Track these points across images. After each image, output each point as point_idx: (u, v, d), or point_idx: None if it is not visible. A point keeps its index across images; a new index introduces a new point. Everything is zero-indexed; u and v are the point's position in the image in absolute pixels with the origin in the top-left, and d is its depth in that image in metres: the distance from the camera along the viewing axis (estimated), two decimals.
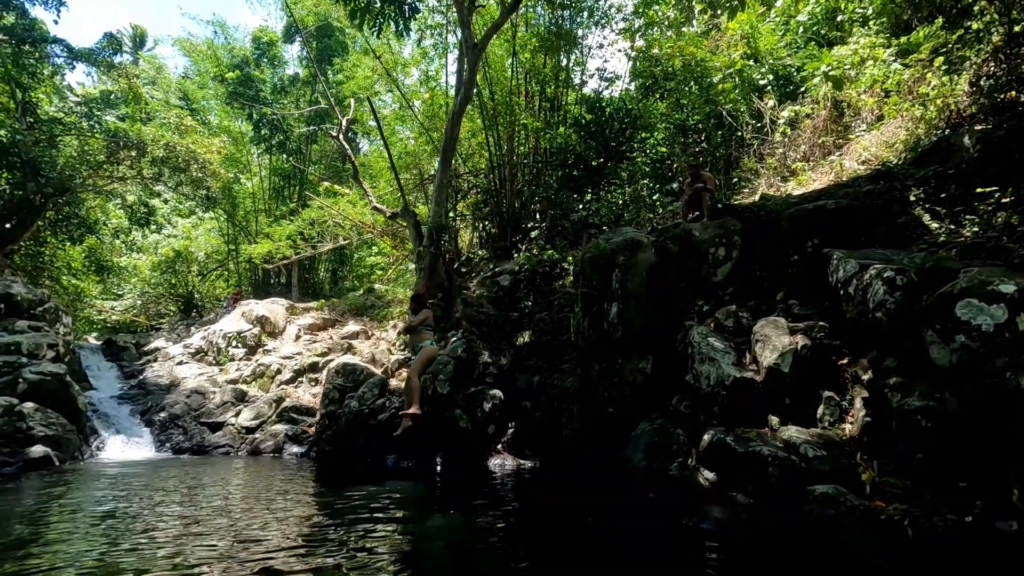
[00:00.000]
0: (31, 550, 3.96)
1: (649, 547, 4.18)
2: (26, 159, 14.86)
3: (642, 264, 6.90)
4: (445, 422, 9.14)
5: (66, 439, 9.13)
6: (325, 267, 26.88)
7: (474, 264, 14.98)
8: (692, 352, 5.89)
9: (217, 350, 15.43)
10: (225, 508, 5.55)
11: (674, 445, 5.44)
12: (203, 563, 3.62)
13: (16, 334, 10.64)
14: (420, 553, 4.07)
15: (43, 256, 19.14)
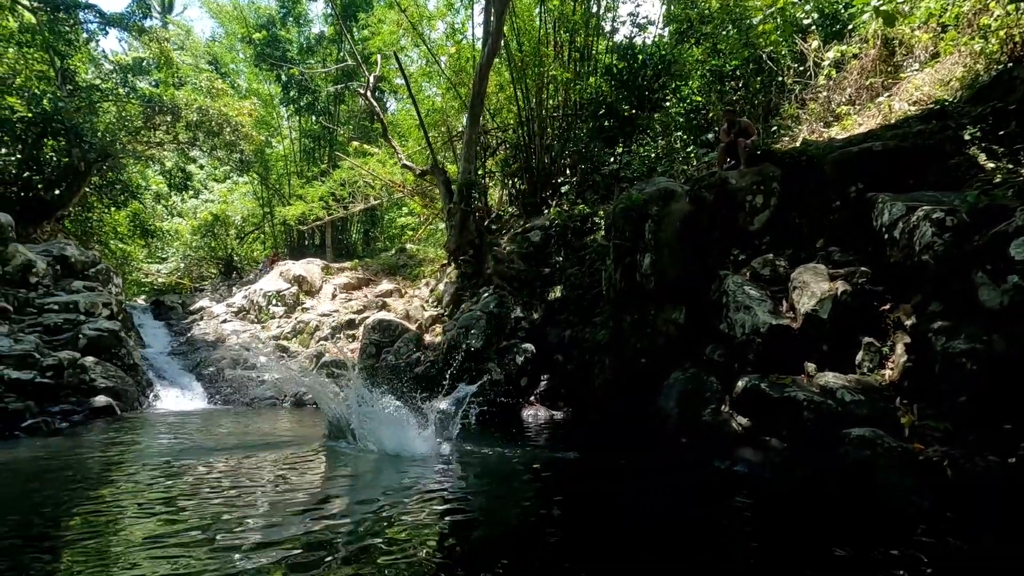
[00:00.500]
0: (115, 484, 4.31)
1: (683, 491, 4.28)
2: (69, 126, 15.30)
3: (676, 214, 6.77)
4: (479, 374, 9.36)
5: (125, 390, 9.72)
6: (357, 228, 27.23)
7: (504, 221, 14.95)
8: (727, 301, 5.82)
9: (258, 308, 15.99)
10: (276, 442, 5.89)
11: (707, 393, 5.47)
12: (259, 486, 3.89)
13: (73, 293, 11.23)
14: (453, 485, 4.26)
15: (91, 221, 19.92)
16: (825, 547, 2.81)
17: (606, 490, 4.23)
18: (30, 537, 2.99)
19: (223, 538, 2.93)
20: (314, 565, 2.54)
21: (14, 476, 4.41)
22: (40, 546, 2.86)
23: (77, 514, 3.46)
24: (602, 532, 3.24)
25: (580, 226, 11.72)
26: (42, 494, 3.94)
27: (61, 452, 5.67)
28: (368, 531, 3.05)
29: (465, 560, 2.59)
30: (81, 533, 3.09)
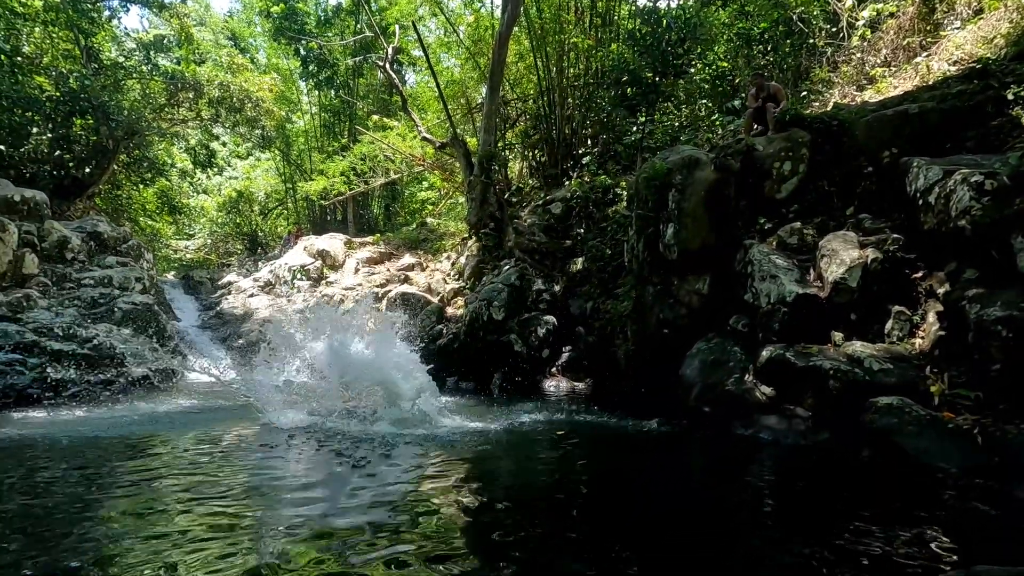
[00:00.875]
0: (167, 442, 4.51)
1: (707, 458, 4.31)
2: (96, 104, 15.56)
3: (700, 182, 6.65)
4: (501, 346, 9.46)
5: (159, 362, 10.07)
6: (378, 203, 27.34)
7: (525, 193, 14.87)
8: (752, 271, 5.74)
9: (284, 283, 16.30)
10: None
11: (731, 362, 5.45)
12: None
13: (107, 268, 11.58)
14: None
15: (120, 198, 20.39)
16: (851, 509, 2.82)
17: (629, 458, 4.28)
18: (91, 489, 3.17)
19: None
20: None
21: (70, 439, 4.63)
22: (100, 504, 3.03)
23: (138, 470, 3.66)
24: (626, 500, 3.29)
25: (601, 197, 11.59)
26: (96, 454, 4.15)
27: (108, 417, 5.94)
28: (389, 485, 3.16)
29: (489, 531, 2.67)
30: (138, 486, 3.27)
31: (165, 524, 2.62)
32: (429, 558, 2.15)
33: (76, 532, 2.48)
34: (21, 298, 8.88)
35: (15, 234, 9.44)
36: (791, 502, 3.06)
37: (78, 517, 2.72)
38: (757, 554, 2.28)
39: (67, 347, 8.40)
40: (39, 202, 10.88)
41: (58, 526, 2.57)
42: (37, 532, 2.49)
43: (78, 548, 2.30)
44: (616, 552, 2.27)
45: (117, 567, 2.15)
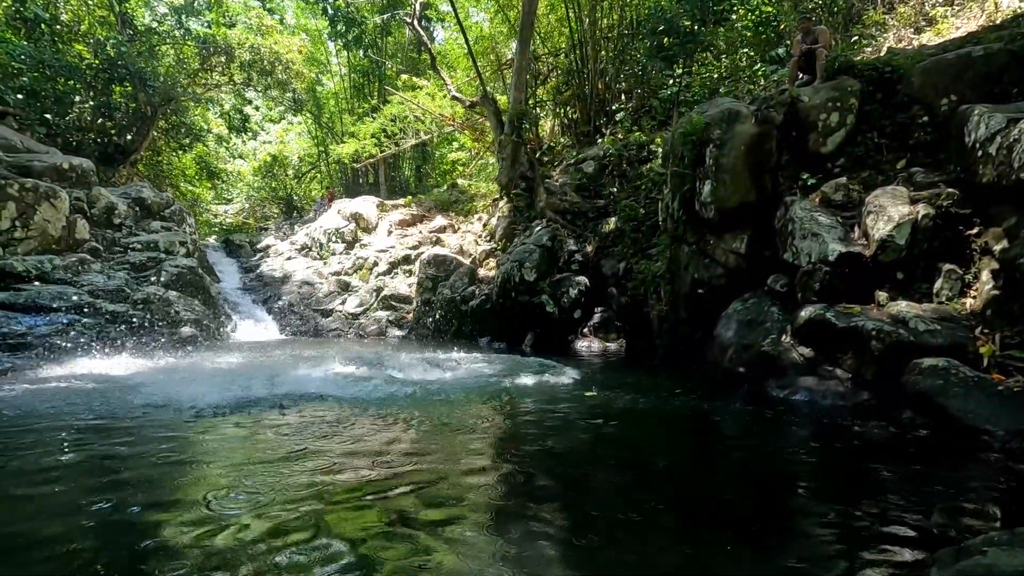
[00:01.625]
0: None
1: (742, 419, 4.29)
2: (133, 70, 15.83)
3: (740, 137, 6.38)
4: (532, 307, 9.51)
5: (206, 322, 10.52)
6: (409, 165, 27.32)
7: (556, 152, 14.58)
8: (792, 229, 5.54)
9: (319, 245, 16.62)
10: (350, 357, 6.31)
11: (768, 322, 5.34)
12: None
13: (153, 233, 12.01)
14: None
15: (161, 165, 20.95)
16: (889, 470, 2.78)
17: (659, 416, 4.30)
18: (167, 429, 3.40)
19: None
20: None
21: (138, 387, 4.93)
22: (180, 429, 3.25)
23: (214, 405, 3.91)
24: (654, 455, 3.32)
25: (636, 155, 11.28)
26: (163, 398, 4.40)
27: (172, 369, 6.25)
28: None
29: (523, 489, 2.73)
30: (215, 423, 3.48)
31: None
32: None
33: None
34: (76, 262, 9.33)
35: (66, 201, 9.84)
36: (825, 462, 3.03)
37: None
38: (787, 514, 2.29)
39: (120, 308, 8.84)
40: (86, 169, 11.27)
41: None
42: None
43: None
44: (646, 503, 2.31)
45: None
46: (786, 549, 1.91)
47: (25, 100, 14.07)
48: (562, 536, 1.96)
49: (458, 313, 10.86)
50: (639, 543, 1.93)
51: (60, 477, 2.67)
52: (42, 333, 6.95)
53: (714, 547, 1.92)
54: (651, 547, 1.91)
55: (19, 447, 3.15)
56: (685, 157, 7.00)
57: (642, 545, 1.92)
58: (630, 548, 1.89)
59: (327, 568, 1.71)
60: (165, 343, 8.83)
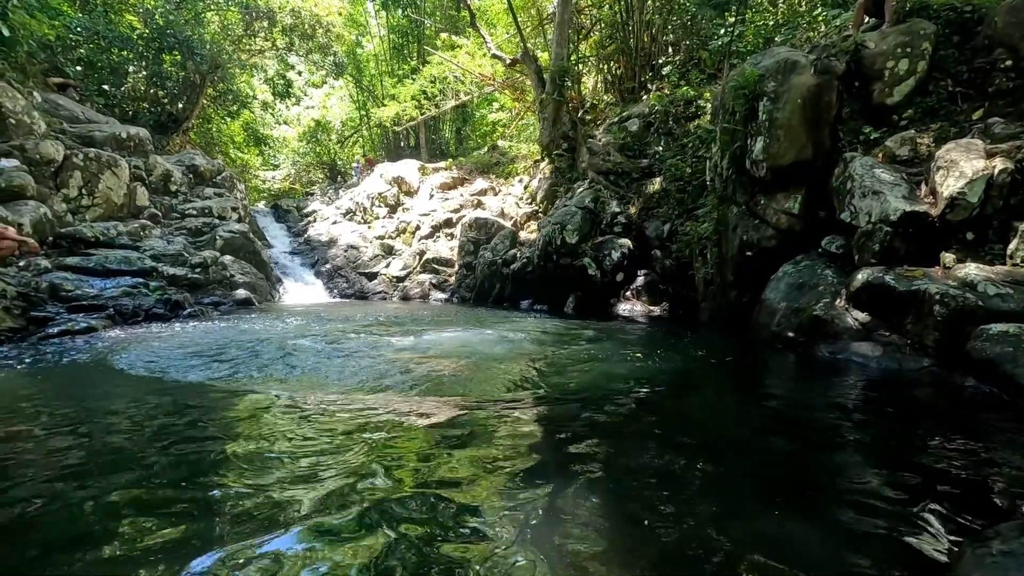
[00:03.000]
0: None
1: (794, 382, 4.19)
2: (182, 39, 16.17)
3: (798, 89, 6.00)
4: (574, 270, 9.45)
5: (259, 285, 10.96)
6: (449, 127, 27.15)
7: (599, 110, 14.13)
8: (851, 187, 5.24)
9: (363, 210, 16.90)
10: (396, 319, 6.50)
11: (820, 286, 5.14)
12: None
13: (206, 199, 12.47)
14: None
15: (211, 132, 21.56)
16: (946, 437, 2.67)
17: (705, 377, 4.24)
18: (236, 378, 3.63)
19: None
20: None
21: (213, 341, 5.25)
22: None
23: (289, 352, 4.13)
24: (697, 412, 3.30)
25: (683, 111, 10.81)
26: (240, 351, 4.68)
27: (235, 328, 6.60)
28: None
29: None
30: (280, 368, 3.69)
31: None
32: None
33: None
34: (138, 228, 9.82)
35: (127, 169, 10.29)
36: (881, 427, 2.94)
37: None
38: (842, 475, 2.24)
39: (180, 272, 9.29)
40: (143, 138, 11.72)
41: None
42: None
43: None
44: (687, 459, 2.31)
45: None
46: (836, 510, 1.88)
47: (83, 72, 14.63)
48: (606, 487, 1.99)
49: (499, 276, 10.92)
50: (685, 496, 1.94)
51: (139, 413, 2.89)
52: (111, 295, 7.40)
53: (760, 505, 1.91)
54: (694, 499, 1.92)
55: (108, 392, 3.42)
56: (736, 112, 6.67)
57: (683, 499, 1.93)
58: (673, 499, 1.90)
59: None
60: (222, 306, 9.27)
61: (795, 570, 1.50)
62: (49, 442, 2.58)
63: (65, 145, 9.41)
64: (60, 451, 2.45)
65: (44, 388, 3.71)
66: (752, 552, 1.59)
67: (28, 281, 6.77)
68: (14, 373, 4.17)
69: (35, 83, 11.29)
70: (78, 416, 3.00)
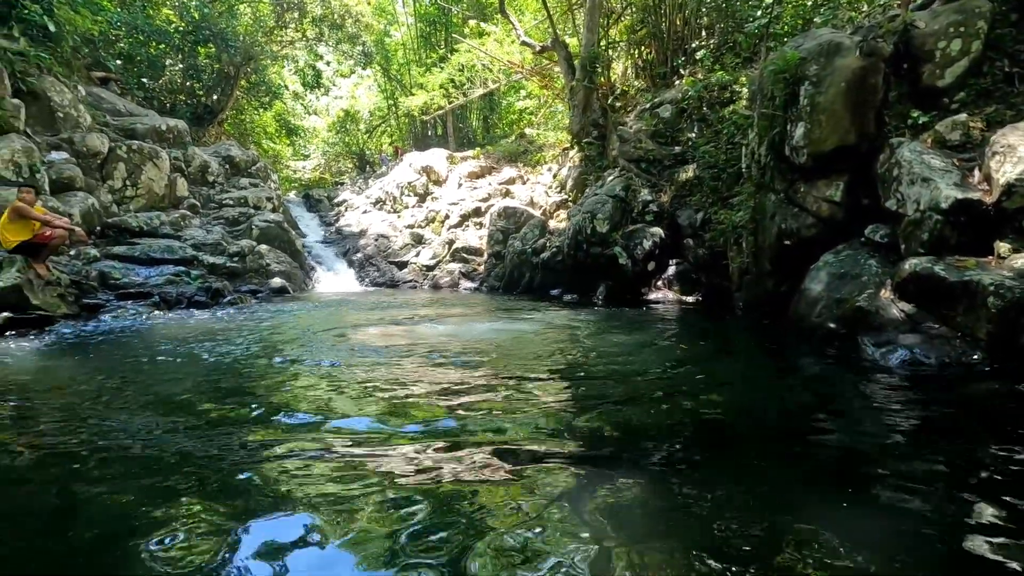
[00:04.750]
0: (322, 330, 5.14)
1: (829, 369, 4.12)
2: (216, 31, 16.50)
3: (841, 72, 5.80)
4: (605, 259, 9.38)
5: (293, 273, 11.21)
6: (476, 115, 27.13)
7: (630, 97, 13.90)
8: (899, 173, 5.06)
9: (393, 199, 17.06)
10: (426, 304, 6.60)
11: (864, 276, 4.99)
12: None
13: (242, 189, 12.77)
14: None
15: (244, 123, 22.01)
16: (1006, 435, 2.59)
17: (742, 366, 4.19)
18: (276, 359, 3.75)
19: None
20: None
21: (252, 328, 5.43)
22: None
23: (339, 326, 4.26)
24: (737, 400, 3.27)
25: (717, 96, 10.55)
26: (278, 334, 4.83)
27: (277, 314, 6.80)
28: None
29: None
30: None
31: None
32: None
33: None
34: (179, 218, 10.12)
35: (167, 160, 10.59)
36: (930, 421, 2.86)
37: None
38: (891, 471, 2.19)
39: (219, 260, 9.56)
40: (181, 130, 12.03)
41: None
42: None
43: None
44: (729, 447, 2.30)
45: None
46: (886, 506, 1.85)
47: (123, 65, 15.05)
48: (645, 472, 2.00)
49: (529, 265, 10.92)
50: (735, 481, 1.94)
51: (189, 373, 3.02)
52: (156, 283, 7.67)
53: (808, 492, 1.89)
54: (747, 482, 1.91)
55: (164, 362, 3.57)
56: (775, 97, 6.49)
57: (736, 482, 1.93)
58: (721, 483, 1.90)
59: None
60: (259, 293, 9.51)
61: (852, 555, 1.48)
62: (108, 411, 2.71)
63: (109, 137, 9.73)
64: (117, 420, 2.58)
65: (104, 367, 3.89)
66: (801, 541, 1.58)
67: (79, 269, 7.06)
68: (75, 356, 4.37)
69: (79, 77, 11.66)
70: (136, 392, 3.14)
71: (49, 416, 2.83)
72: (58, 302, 5.84)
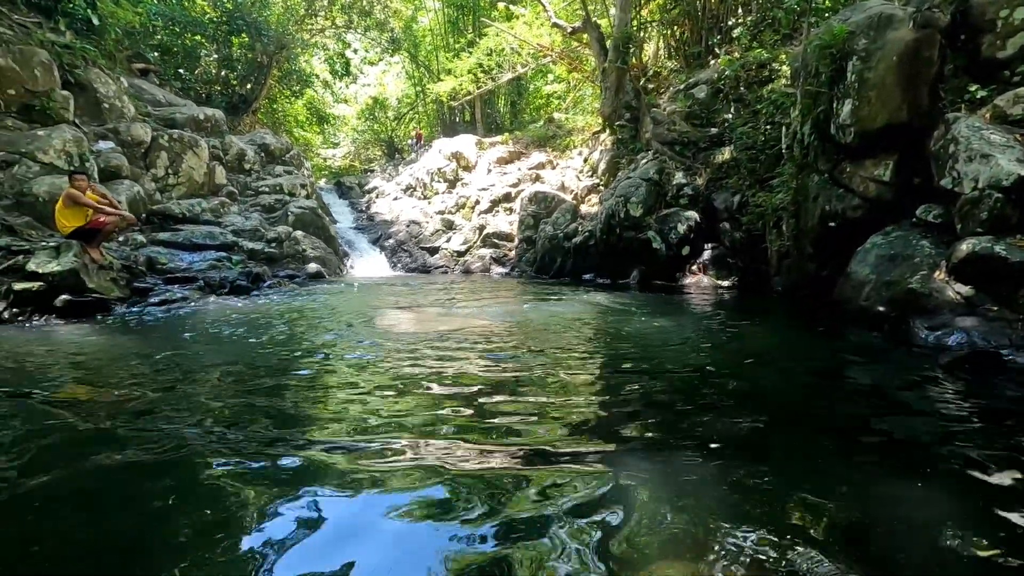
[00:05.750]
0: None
1: (878, 353, 4.01)
2: (249, 21, 16.73)
3: (893, 45, 5.56)
4: (638, 244, 9.28)
5: (328, 259, 11.40)
6: (504, 101, 26.95)
7: (663, 78, 13.62)
8: (955, 150, 4.84)
9: (423, 185, 17.15)
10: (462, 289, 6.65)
11: (916, 257, 4.82)
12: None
13: (277, 177, 13.00)
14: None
15: (277, 112, 22.33)
16: None
17: (797, 358, 4.11)
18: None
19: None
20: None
21: (295, 311, 5.58)
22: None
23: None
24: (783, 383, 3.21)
25: (755, 75, 10.26)
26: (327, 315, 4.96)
27: (319, 296, 6.96)
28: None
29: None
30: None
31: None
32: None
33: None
34: (218, 205, 10.37)
35: (206, 149, 10.84)
36: (993, 408, 2.76)
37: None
38: (944, 449, 2.13)
39: (258, 246, 9.79)
40: (218, 119, 12.28)
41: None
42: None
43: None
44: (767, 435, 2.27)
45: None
46: (956, 491, 1.80)
47: (161, 56, 15.40)
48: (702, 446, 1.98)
49: (560, 250, 10.88)
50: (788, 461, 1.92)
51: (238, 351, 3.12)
52: (200, 268, 7.90)
53: (886, 477, 1.85)
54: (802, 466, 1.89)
55: (209, 341, 3.71)
56: (820, 73, 6.27)
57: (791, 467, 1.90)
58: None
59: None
60: (296, 278, 9.71)
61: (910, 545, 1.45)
62: (161, 387, 2.83)
63: (151, 127, 10.00)
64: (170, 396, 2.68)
65: (160, 346, 4.04)
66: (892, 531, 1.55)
67: (128, 254, 7.32)
68: (132, 336, 4.56)
69: (121, 69, 11.99)
70: (190, 372, 3.26)
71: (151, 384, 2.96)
72: (111, 285, 6.08)
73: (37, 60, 8.08)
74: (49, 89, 8.19)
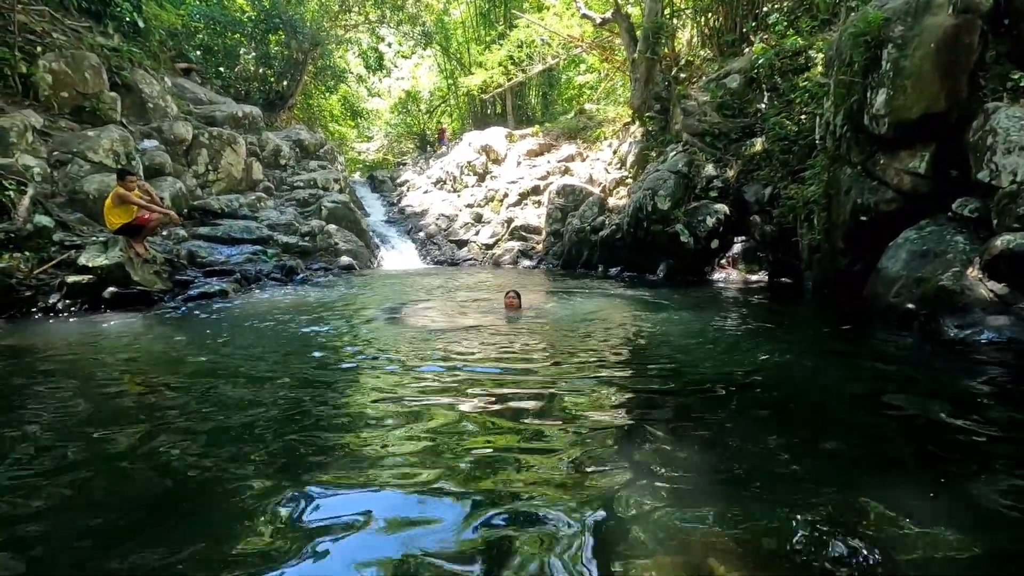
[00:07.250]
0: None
1: (908, 351, 3.93)
2: (285, 19, 17.16)
3: (931, 32, 5.35)
4: (666, 237, 9.20)
5: (360, 252, 11.69)
6: (535, 92, 26.85)
7: (695, 67, 13.34)
8: (993, 142, 4.65)
9: (453, 179, 17.32)
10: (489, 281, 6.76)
11: (949, 253, 4.67)
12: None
13: (312, 172, 13.36)
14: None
15: (312, 107, 22.86)
16: None
17: (827, 354, 4.07)
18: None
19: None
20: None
21: (328, 302, 5.82)
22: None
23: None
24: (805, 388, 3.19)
25: (790, 63, 9.96)
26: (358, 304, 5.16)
27: (354, 285, 7.21)
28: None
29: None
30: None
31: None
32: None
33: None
34: (255, 200, 10.75)
35: (243, 145, 11.23)
36: (1018, 404, 2.70)
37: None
38: (973, 446, 2.11)
39: (292, 240, 10.12)
40: (256, 116, 12.68)
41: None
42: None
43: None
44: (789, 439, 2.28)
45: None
46: (978, 485, 1.80)
47: (202, 56, 15.96)
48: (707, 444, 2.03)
49: (587, 243, 10.87)
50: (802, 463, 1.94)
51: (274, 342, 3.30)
52: (237, 261, 8.24)
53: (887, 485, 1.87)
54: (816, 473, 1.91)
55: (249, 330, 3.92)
56: (854, 62, 6.07)
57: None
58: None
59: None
60: (329, 271, 10.01)
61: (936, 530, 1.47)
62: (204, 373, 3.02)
63: (193, 125, 10.42)
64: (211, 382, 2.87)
65: (202, 335, 4.29)
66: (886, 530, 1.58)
67: (170, 249, 7.70)
68: (176, 325, 4.84)
69: (165, 69, 12.51)
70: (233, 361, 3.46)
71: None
72: (154, 279, 6.43)
73: (88, 64, 8.53)
74: (98, 91, 8.64)
